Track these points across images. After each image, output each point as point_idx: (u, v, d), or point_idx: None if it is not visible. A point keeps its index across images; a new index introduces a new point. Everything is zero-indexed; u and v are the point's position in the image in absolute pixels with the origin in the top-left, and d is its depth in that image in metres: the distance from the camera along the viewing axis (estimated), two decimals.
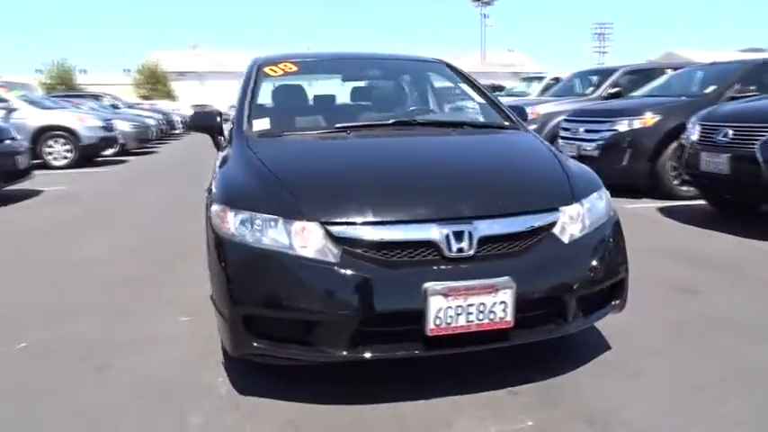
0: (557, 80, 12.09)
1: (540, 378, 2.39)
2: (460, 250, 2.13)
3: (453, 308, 2.05)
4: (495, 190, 2.37)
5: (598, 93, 9.42)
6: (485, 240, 2.18)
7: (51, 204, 7.17)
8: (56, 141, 11.12)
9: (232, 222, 2.21)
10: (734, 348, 2.68)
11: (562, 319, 2.26)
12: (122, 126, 13.69)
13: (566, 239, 2.30)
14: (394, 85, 3.93)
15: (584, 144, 7.32)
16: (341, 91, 3.81)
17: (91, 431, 2.09)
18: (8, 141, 7.52)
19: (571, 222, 2.35)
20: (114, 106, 18.96)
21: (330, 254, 2.09)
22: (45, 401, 2.29)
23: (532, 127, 9.15)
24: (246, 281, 2.15)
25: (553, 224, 2.30)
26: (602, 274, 2.38)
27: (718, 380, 2.38)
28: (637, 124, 6.89)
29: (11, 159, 7.32)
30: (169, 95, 45.19)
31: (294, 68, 3.58)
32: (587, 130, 7.41)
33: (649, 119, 6.85)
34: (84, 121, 11.51)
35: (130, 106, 21.16)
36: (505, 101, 11.52)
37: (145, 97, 39.30)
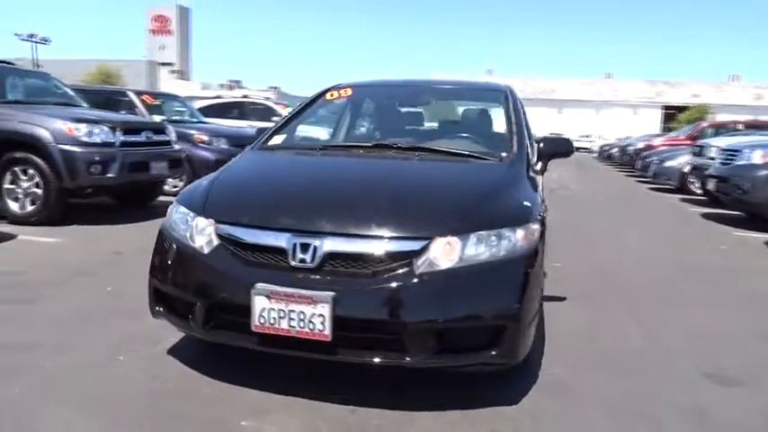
0: None
1: (400, 407, 2.35)
2: (303, 261, 2.30)
3: (276, 310, 2.24)
4: (369, 212, 2.42)
5: None
6: (333, 256, 2.30)
7: None
8: None
9: (170, 213, 2.76)
10: None
11: (401, 348, 2.22)
12: None
13: (419, 270, 2.24)
14: (430, 111, 4.00)
15: None
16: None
17: (69, 338, 2.87)
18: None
19: (441, 255, 2.28)
20: None
21: (207, 247, 2.48)
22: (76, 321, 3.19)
23: (763, 172, 7.68)
24: (159, 260, 2.67)
25: (414, 252, 2.28)
26: (461, 315, 2.25)
27: None
28: None
29: None
30: None
31: (349, 93, 3.98)
32: None
33: None
34: None
35: None
36: (742, 140, 9.75)
37: None
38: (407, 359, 2.23)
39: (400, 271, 2.26)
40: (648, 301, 4.08)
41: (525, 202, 2.62)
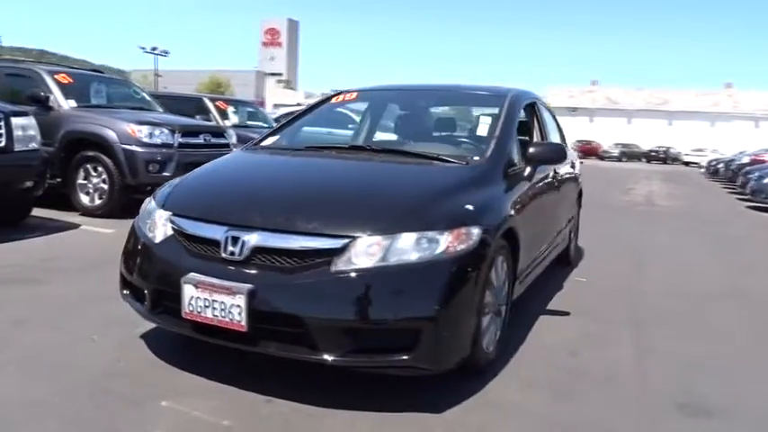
0: None
1: (318, 402, 2.36)
2: (232, 253, 2.38)
3: (202, 299, 2.34)
4: (299, 210, 2.47)
5: None
6: (260, 250, 2.36)
7: None
8: None
9: (143, 206, 2.96)
10: None
11: (313, 345, 2.24)
12: None
13: (336, 267, 2.25)
14: (426, 115, 3.95)
15: None
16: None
17: (59, 318, 3.15)
18: None
19: (363, 254, 2.27)
20: None
21: (161, 237, 2.64)
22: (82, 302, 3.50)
23: None
24: (127, 248, 2.86)
25: (335, 250, 2.28)
26: (374, 314, 2.23)
27: None
28: None
29: None
30: None
31: (353, 96, 4.04)
32: None
33: None
34: None
35: None
36: None
37: None
38: (319, 356, 2.24)
39: (317, 268, 2.28)
40: (659, 326, 3.76)
41: (468, 206, 2.54)
